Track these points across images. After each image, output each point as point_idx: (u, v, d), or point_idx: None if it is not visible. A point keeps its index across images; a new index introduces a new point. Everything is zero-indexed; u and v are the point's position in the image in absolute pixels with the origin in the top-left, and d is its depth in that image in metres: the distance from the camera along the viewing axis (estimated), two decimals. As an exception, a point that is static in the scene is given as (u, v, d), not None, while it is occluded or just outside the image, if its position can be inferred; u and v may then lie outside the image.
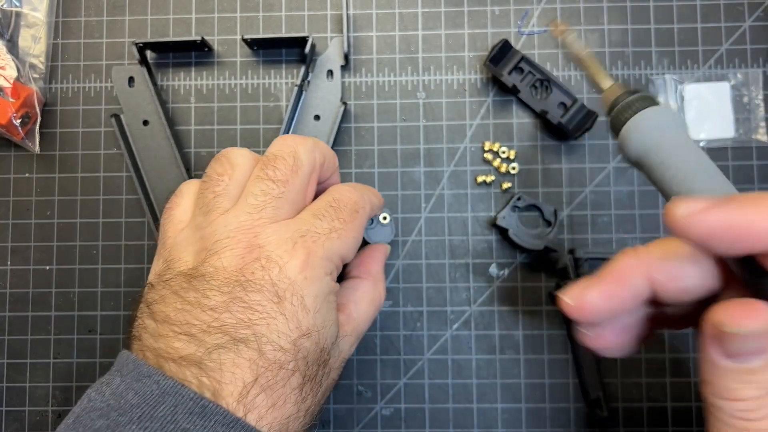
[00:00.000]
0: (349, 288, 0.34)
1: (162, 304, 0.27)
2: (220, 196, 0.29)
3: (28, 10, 0.41)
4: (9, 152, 0.41)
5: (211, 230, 0.28)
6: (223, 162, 0.30)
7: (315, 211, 0.30)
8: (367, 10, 0.41)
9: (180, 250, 0.29)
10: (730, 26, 0.40)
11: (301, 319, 0.27)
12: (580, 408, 0.39)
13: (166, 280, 0.28)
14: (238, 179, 0.29)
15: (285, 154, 0.29)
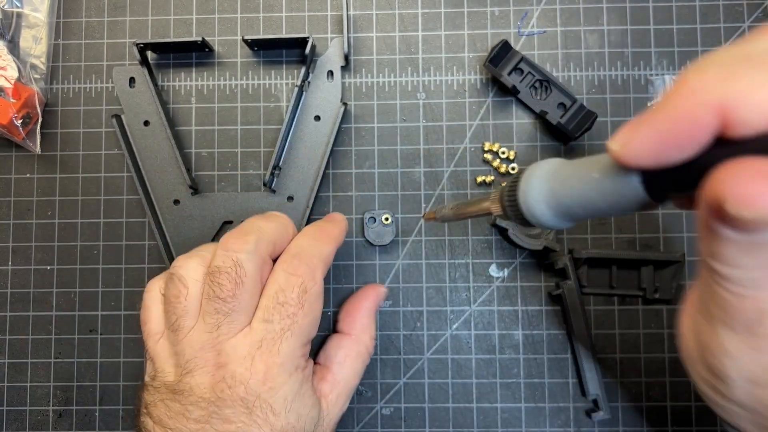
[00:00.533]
0: (333, 347, 0.36)
1: (155, 409, 0.31)
2: (182, 317, 0.31)
3: (29, 11, 0.41)
4: (10, 152, 0.41)
5: (181, 348, 0.31)
6: (176, 284, 0.31)
7: (264, 314, 0.31)
8: (367, 11, 0.41)
9: (162, 362, 0.32)
10: (730, 27, 0.40)
11: (274, 423, 0.30)
12: (580, 407, 0.39)
13: (156, 387, 0.31)
14: (193, 295, 0.31)
15: (228, 267, 0.30)
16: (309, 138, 0.40)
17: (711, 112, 0.16)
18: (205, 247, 0.33)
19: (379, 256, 0.40)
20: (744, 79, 0.16)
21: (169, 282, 0.31)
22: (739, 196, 0.16)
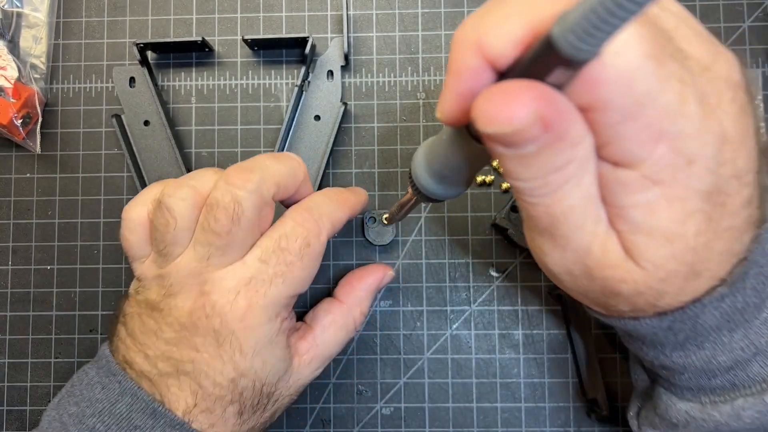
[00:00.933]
0: (322, 310, 0.35)
1: (131, 320, 0.31)
2: (171, 245, 0.30)
3: (29, 11, 0.41)
4: (10, 152, 0.41)
5: (167, 272, 0.30)
6: (164, 213, 0.29)
7: (261, 254, 0.30)
8: (367, 10, 0.41)
9: (147, 280, 0.31)
10: (730, 26, 0.40)
11: (238, 362, 0.30)
12: (580, 407, 0.39)
13: (138, 300, 0.31)
14: (183, 227, 0.30)
15: (226, 202, 0.29)
16: (309, 138, 0.40)
17: (474, 55, 0.18)
18: (197, 175, 0.31)
19: (379, 256, 0.40)
20: (490, 16, 0.18)
21: (158, 210, 0.30)
22: (482, 115, 0.17)
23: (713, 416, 0.25)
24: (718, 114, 0.19)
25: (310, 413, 0.40)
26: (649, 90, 0.17)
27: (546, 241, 0.22)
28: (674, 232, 0.20)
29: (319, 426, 0.40)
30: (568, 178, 0.19)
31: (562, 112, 0.17)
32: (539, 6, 0.17)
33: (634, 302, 0.23)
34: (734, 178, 0.20)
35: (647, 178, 0.19)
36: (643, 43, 0.17)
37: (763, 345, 0.24)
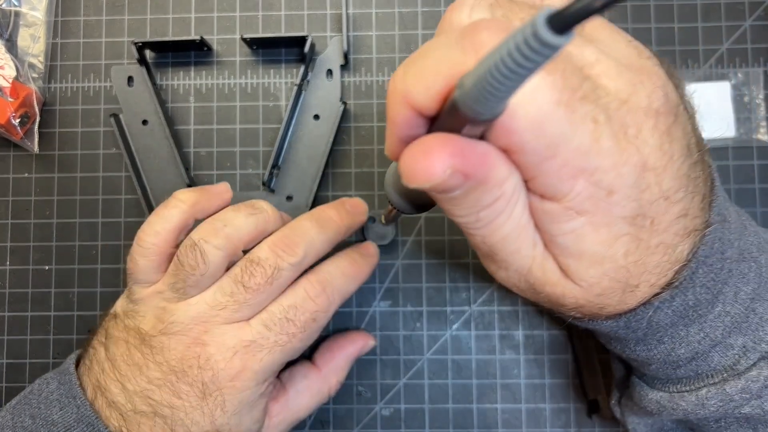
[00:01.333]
0: (299, 373, 0.36)
1: (115, 346, 0.30)
2: (191, 287, 0.30)
3: (27, 10, 0.41)
4: (8, 152, 0.41)
5: (173, 308, 0.30)
6: (197, 256, 0.30)
7: (267, 319, 0.30)
8: (366, 9, 0.41)
9: (144, 307, 0.31)
10: (731, 25, 0.40)
11: (217, 417, 0.30)
12: (581, 408, 0.39)
13: (128, 326, 0.31)
14: (210, 275, 0.30)
15: (268, 265, 0.30)
16: (308, 137, 0.40)
17: (403, 106, 0.19)
18: (231, 221, 0.31)
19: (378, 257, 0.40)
20: (411, 70, 0.19)
21: (190, 250, 0.30)
22: (405, 172, 0.19)
23: (680, 405, 0.26)
24: (637, 144, 0.20)
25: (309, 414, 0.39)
26: (561, 133, 0.18)
27: (490, 263, 0.24)
28: (603, 255, 0.21)
29: (319, 427, 0.39)
30: (498, 213, 0.21)
31: (479, 162, 0.19)
32: (452, 62, 0.17)
33: (580, 311, 0.24)
34: (661, 199, 0.21)
35: (571, 209, 0.20)
36: (551, 90, 0.18)
37: (719, 337, 0.25)
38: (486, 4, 0.21)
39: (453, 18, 0.21)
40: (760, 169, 0.39)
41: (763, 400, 0.25)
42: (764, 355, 0.25)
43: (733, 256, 0.24)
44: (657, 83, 0.21)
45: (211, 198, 0.33)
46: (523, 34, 0.13)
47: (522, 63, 0.14)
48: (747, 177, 0.39)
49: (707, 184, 0.23)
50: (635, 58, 0.21)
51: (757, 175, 0.39)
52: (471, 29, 0.17)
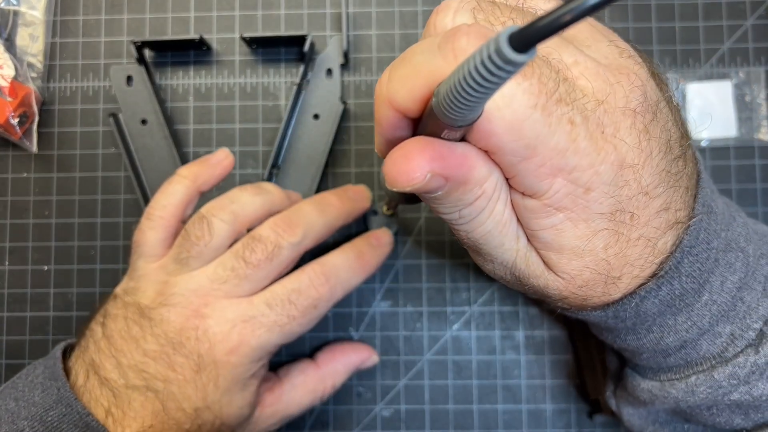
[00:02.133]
0: (297, 369, 0.36)
1: (113, 322, 0.31)
2: (194, 258, 0.31)
3: (26, 9, 0.40)
4: (7, 152, 0.41)
5: (175, 281, 0.31)
6: (204, 227, 0.31)
7: (270, 298, 0.31)
8: (366, 8, 0.41)
9: (146, 282, 0.32)
10: (732, 25, 0.40)
11: (209, 393, 0.30)
12: (582, 409, 0.39)
13: (127, 302, 0.31)
14: (214, 246, 0.32)
15: (269, 242, 0.31)
16: (308, 137, 0.39)
17: (388, 109, 0.20)
18: (238, 198, 0.33)
19: (378, 256, 0.40)
20: (395, 74, 0.19)
21: (198, 222, 0.32)
22: (387, 177, 0.20)
23: (671, 393, 0.27)
24: (614, 143, 0.20)
25: (309, 415, 0.39)
26: (538, 134, 0.19)
27: (477, 257, 0.25)
28: (583, 249, 0.22)
29: (319, 428, 0.39)
30: (480, 210, 0.21)
31: (458, 164, 0.19)
32: (432, 68, 0.18)
33: (565, 302, 0.25)
34: (640, 194, 0.21)
35: (550, 206, 0.21)
36: (527, 95, 0.19)
37: (706, 325, 0.25)
38: (468, 8, 0.21)
39: (437, 21, 0.22)
40: (761, 168, 0.39)
41: (751, 386, 0.26)
42: (751, 342, 0.26)
43: (719, 247, 0.25)
44: (636, 83, 0.21)
45: (212, 168, 0.34)
46: (488, 50, 0.14)
47: (487, 77, 0.14)
48: (748, 177, 0.39)
49: (692, 177, 0.24)
50: (616, 57, 0.22)
51: (758, 174, 0.39)
52: (450, 35, 0.18)
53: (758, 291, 0.26)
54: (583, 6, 0.12)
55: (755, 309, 0.26)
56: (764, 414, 0.27)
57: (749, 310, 0.26)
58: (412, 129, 0.21)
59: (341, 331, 0.39)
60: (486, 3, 0.22)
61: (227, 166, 0.35)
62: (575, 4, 0.12)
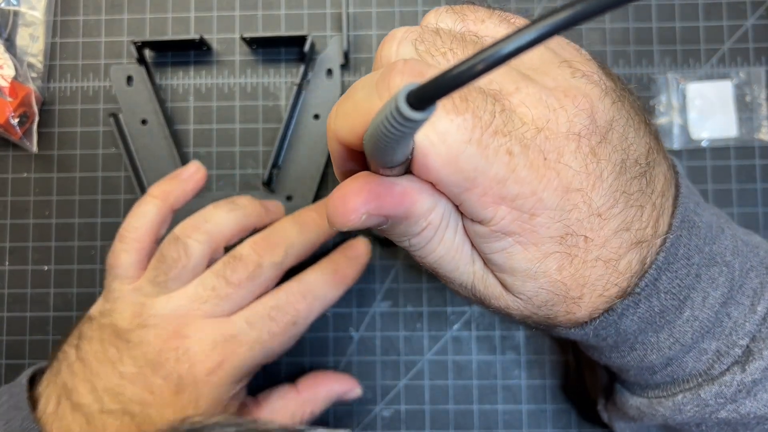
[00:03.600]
0: (276, 394, 0.35)
1: (89, 344, 0.30)
2: (172, 280, 0.31)
3: (26, 9, 0.40)
4: (7, 152, 0.41)
5: (152, 302, 0.30)
6: (180, 249, 0.31)
7: (250, 317, 0.31)
8: (366, 8, 0.41)
9: (123, 304, 0.31)
10: (732, 25, 0.40)
11: (188, 415, 0.29)
12: (582, 409, 0.38)
13: (103, 324, 0.31)
14: (191, 268, 0.31)
15: (250, 261, 0.31)
16: (308, 137, 0.39)
17: (337, 143, 0.20)
18: (213, 217, 0.32)
19: (379, 256, 0.40)
20: (338, 110, 0.20)
21: (172, 244, 0.31)
22: (329, 216, 0.20)
23: (659, 411, 0.27)
24: (557, 169, 0.21)
25: (309, 415, 0.39)
26: (476, 167, 0.19)
27: (439, 278, 0.25)
28: (535, 271, 0.22)
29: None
30: (428, 240, 0.22)
31: (397, 203, 0.20)
32: (368, 106, 0.18)
33: (531, 321, 0.25)
34: (593, 216, 0.21)
35: (497, 231, 0.21)
36: (461, 131, 0.19)
37: (690, 342, 0.25)
38: (410, 39, 0.21)
39: (383, 53, 0.22)
40: (761, 169, 0.39)
41: (739, 404, 0.25)
42: (737, 360, 0.25)
43: (701, 262, 0.24)
44: (582, 105, 0.21)
45: (183, 184, 0.34)
46: (390, 107, 0.14)
47: (393, 132, 0.14)
48: (749, 177, 0.39)
49: (665, 193, 0.24)
50: (566, 78, 0.22)
51: (758, 174, 0.39)
52: (386, 73, 0.18)
53: (746, 306, 0.25)
54: (495, 55, 0.12)
55: (742, 325, 0.25)
56: (754, 431, 0.26)
57: (735, 327, 0.25)
58: (362, 161, 0.21)
59: (341, 331, 0.39)
60: (429, 33, 0.22)
61: (199, 180, 0.35)
62: (485, 54, 0.12)
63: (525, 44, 0.12)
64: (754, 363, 0.25)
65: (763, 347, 0.25)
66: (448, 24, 0.23)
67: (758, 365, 0.25)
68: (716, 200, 0.39)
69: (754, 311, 0.25)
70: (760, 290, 0.25)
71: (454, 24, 0.23)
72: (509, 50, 0.12)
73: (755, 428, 0.26)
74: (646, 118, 0.24)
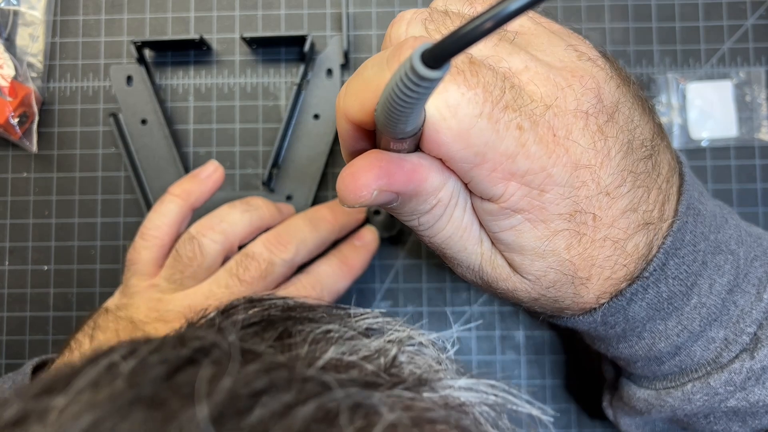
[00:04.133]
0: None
1: (103, 334, 0.31)
2: (188, 278, 0.32)
3: (26, 9, 0.40)
4: (7, 152, 0.41)
5: (169, 298, 0.31)
6: (195, 248, 0.32)
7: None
8: (366, 8, 0.41)
9: (139, 299, 0.32)
10: (732, 24, 0.40)
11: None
12: (582, 409, 0.38)
13: (120, 317, 0.31)
14: (206, 266, 0.32)
15: (262, 259, 0.32)
16: (308, 137, 0.39)
17: (346, 122, 0.20)
18: (228, 216, 0.33)
19: (378, 256, 0.40)
20: (347, 89, 0.20)
21: (188, 242, 0.32)
22: (339, 194, 0.20)
23: (667, 401, 0.27)
24: (566, 145, 0.21)
25: (309, 415, 0.39)
26: (486, 142, 0.19)
27: (445, 260, 0.25)
28: (544, 250, 0.22)
29: (319, 428, 0.39)
30: (438, 218, 0.22)
31: (407, 179, 0.20)
32: (380, 81, 0.18)
33: (539, 306, 0.25)
34: (601, 194, 0.22)
35: (507, 208, 0.21)
36: (472, 104, 0.19)
37: (697, 329, 0.25)
38: (420, 19, 0.22)
39: (392, 33, 0.22)
40: (762, 168, 0.39)
41: (748, 392, 0.25)
42: (746, 347, 0.25)
43: (707, 249, 0.25)
44: (589, 85, 0.21)
45: (202, 184, 0.35)
46: (404, 68, 0.14)
47: (408, 94, 0.14)
48: (749, 177, 0.39)
49: (670, 179, 0.24)
50: (572, 60, 0.22)
51: (758, 174, 0.39)
52: (397, 49, 0.19)
53: (752, 294, 0.25)
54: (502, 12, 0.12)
55: (749, 313, 0.25)
56: (762, 420, 0.26)
57: (742, 314, 0.25)
58: (371, 140, 0.21)
59: (341, 331, 0.39)
60: (438, 13, 0.22)
61: (217, 179, 0.35)
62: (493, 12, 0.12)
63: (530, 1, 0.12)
64: (762, 350, 0.25)
65: None
66: (456, 6, 0.23)
67: (767, 352, 0.25)
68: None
69: (760, 299, 0.25)
70: (765, 279, 0.26)
71: (462, 6, 0.23)
72: (516, 7, 0.12)
73: (763, 417, 0.26)
74: (650, 106, 0.24)
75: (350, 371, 0.16)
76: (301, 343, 0.17)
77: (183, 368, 0.14)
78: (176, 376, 0.14)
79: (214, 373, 0.14)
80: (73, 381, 0.14)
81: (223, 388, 0.13)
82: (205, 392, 0.13)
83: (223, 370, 0.14)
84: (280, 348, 0.17)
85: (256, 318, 0.19)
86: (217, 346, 0.15)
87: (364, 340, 0.18)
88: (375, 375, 0.16)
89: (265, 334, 0.18)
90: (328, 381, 0.15)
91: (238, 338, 0.16)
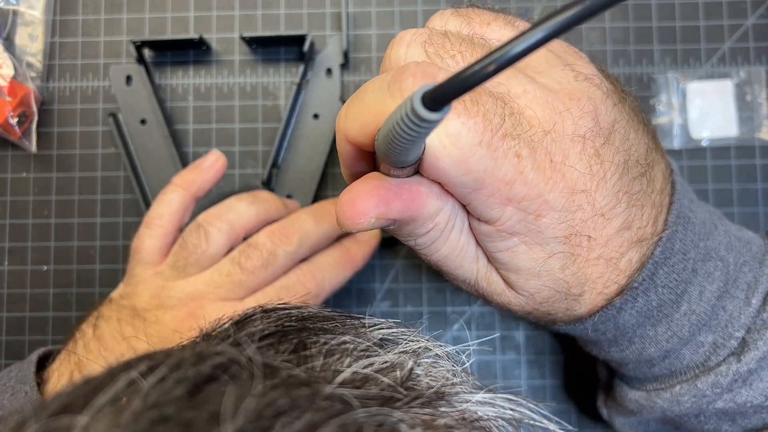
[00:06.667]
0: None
1: (106, 323, 0.31)
2: (191, 265, 0.32)
3: (26, 9, 0.40)
4: (6, 152, 0.41)
5: (171, 285, 0.32)
6: (201, 236, 0.32)
7: (261, 297, 0.32)
8: (366, 8, 0.41)
9: (143, 287, 0.32)
10: (733, 24, 0.40)
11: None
12: (582, 409, 0.38)
13: (122, 305, 0.32)
14: (211, 254, 0.32)
15: (264, 249, 0.32)
16: (308, 136, 0.39)
17: (347, 143, 0.21)
18: (235, 208, 0.33)
19: (379, 256, 0.39)
20: (347, 112, 0.20)
21: (195, 230, 0.32)
22: (338, 218, 0.20)
23: (657, 403, 0.27)
24: (563, 171, 0.21)
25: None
26: (485, 168, 0.20)
27: (443, 275, 0.25)
28: (539, 270, 0.22)
29: (318, 428, 0.39)
30: (434, 239, 0.22)
31: (405, 206, 0.20)
32: (380, 106, 0.19)
33: (532, 317, 0.25)
34: (597, 216, 0.22)
35: (503, 231, 0.21)
36: (472, 133, 0.19)
37: (687, 335, 0.26)
38: (419, 42, 0.22)
39: (392, 55, 0.22)
40: (762, 168, 0.39)
41: (735, 394, 0.26)
42: (733, 351, 0.26)
43: (697, 257, 0.25)
44: (586, 108, 0.22)
45: (205, 173, 0.35)
46: (405, 108, 0.14)
47: (409, 132, 0.15)
48: (749, 176, 0.39)
49: (662, 191, 0.24)
50: (570, 81, 0.22)
51: (759, 174, 0.39)
52: (398, 75, 0.19)
53: (741, 299, 0.26)
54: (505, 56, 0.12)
55: (737, 318, 0.26)
56: (751, 420, 0.27)
57: (731, 319, 0.26)
58: (371, 161, 0.21)
59: (341, 331, 0.39)
60: (437, 36, 0.22)
61: (220, 168, 0.35)
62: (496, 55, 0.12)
63: (533, 44, 0.12)
64: (749, 353, 0.25)
65: (757, 338, 0.25)
66: (454, 27, 0.24)
67: (753, 355, 0.25)
68: (716, 200, 0.39)
69: (748, 304, 0.26)
70: (753, 284, 0.26)
71: (460, 27, 0.24)
72: (519, 50, 0.12)
73: (752, 417, 0.27)
74: (645, 119, 0.25)
75: (367, 385, 0.16)
76: (317, 356, 0.17)
77: (203, 386, 0.14)
78: (198, 394, 0.14)
79: (238, 393, 0.14)
80: (93, 399, 0.14)
81: (248, 408, 0.13)
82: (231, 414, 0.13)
83: (245, 388, 0.14)
84: (296, 361, 0.17)
85: (271, 329, 0.19)
86: (236, 362, 0.15)
87: (380, 352, 0.18)
88: (392, 389, 0.16)
89: (280, 347, 0.18)
90: (349, 399, 0.15)
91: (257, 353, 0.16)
